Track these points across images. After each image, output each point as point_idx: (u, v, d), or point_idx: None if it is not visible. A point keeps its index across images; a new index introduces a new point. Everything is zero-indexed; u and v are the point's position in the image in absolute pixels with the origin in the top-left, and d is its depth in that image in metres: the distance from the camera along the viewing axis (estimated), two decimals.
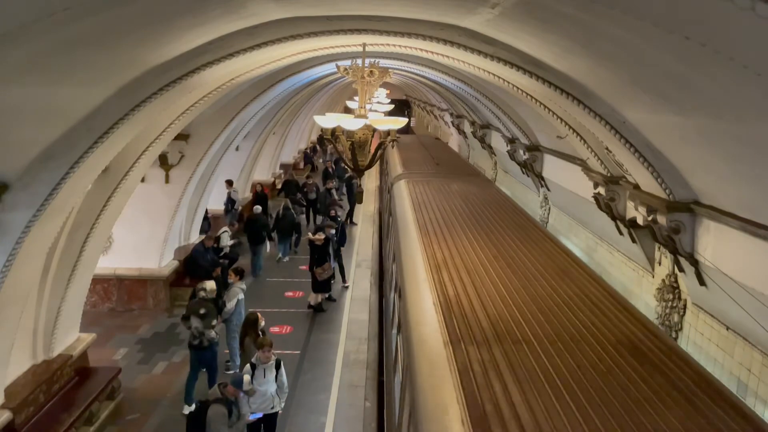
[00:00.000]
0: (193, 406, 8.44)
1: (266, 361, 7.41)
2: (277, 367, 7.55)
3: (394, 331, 7.89)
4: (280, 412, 7.66)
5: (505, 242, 8.28)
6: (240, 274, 10.19)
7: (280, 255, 16.73)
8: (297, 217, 17.30)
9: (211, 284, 9.42)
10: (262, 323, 8.70)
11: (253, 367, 7.40)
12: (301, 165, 31.96)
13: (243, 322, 9.01)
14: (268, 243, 15.80)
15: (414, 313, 6.13)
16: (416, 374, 4.98)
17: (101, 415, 8.42)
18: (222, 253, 13.86)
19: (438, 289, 6.32)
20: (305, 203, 19.86)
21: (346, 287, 14.41)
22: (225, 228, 15.00)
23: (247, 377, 6.99)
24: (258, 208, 16.10)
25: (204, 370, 9.16)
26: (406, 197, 11.59)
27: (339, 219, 15.55)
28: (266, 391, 7.41)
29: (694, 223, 5.79)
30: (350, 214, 21.03)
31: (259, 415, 7.33)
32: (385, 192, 17.55)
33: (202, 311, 8.97)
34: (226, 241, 14.55)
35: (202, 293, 9.16)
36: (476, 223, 9.47)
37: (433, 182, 13.27)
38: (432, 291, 6.27)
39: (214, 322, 9.10)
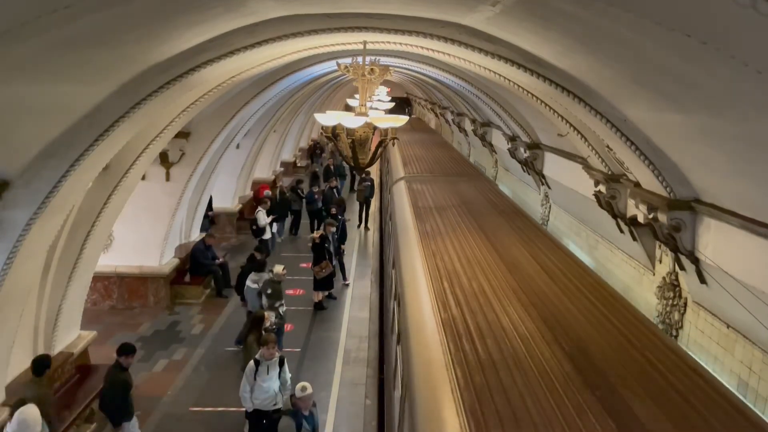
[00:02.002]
0: None
1: (270, 357, 7.43)
2: (281, 364, 7.58)
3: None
4: (282, 408, 7.67)
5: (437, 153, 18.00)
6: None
7: (276, 234, 17.77)
8: (296, 201, 18.71)
9: (278, 267, 10.44)
10: (267, 323, 8.69)
11: (257, 363, 7.42)
12: (303, 163, 31.92)
13: (250, 319, 9.01)
14: (275, 224, 17.39)
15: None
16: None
17: None
18: (262, 234, 15.47)
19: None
20: (310, 212, 18.68)
21: (347, 285, 14.42)
22: (259, 208, 15.96)
23: (300, 384, 6.80)
24: (268, 192, 17.73)
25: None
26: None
27: (340, 217, 15.60)
28: (269, 387, 7.43)
29: (694, 221, 5.79)
30: (366, 217, 20.09)
31: None
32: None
33: (268, 291, 10.15)
34: (263, 220, 15.49)
35: (269, 274, 10.31)
36: (425, 146, 19.61)
37: (408, 134, 22.38)
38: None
39: (277, 303, 10.04)
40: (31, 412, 5.78)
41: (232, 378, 9.73)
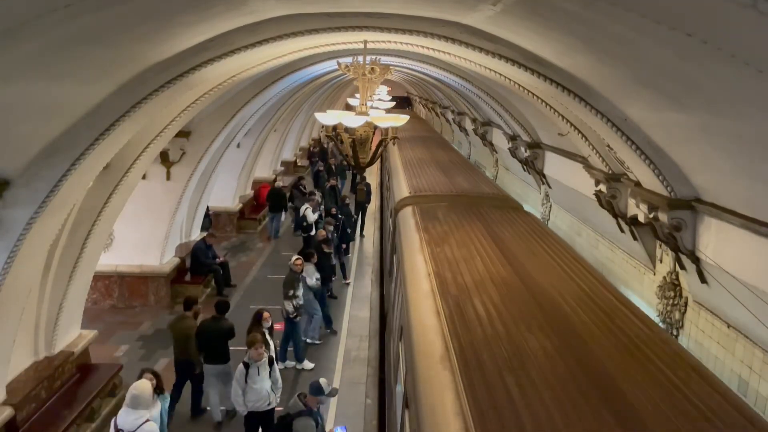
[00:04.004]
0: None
1: (258, 358, 7.32)
2: (270, 363, 7.50)
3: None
4: (276, 408, 7.63)
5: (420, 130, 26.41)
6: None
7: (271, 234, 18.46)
8: (298, 198, 18.99)
9: (294, 258, 10.48)
10: (268, 323, 8.57)
11: (246, 366, 7.30)
12: (305, 162, 31.74)
13: (252, 319, 8.90)
14: (283, 213, 18.71)
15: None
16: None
17: (102, 411, 8.43)
18: (310, 231, 15.50)
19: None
20: (304, 226, 16.11)
21: (347, 284, 14.42)
22: (306, 205, 16.15)
23: (323, 380, 6.65)
24: (278, 184, 19.01)
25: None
26: None
27: (340, 216, 15.65)
28: (261, 388, 7.33)
29: (695, 221, 5.79)
30: (362, 224, 19.27)
31: (344, 428, 7.05)
32: None
33: (284, 282, 10.29)
34: (311, 217, 15.63)
35: (289, 264, 10.43)
36: (414, 127, 23.14)
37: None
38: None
39: (291, 292, 10.07)
40: (142, 386, 6.12)
41: (232, 377, 9.70)
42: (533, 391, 4.00)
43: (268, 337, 8.53)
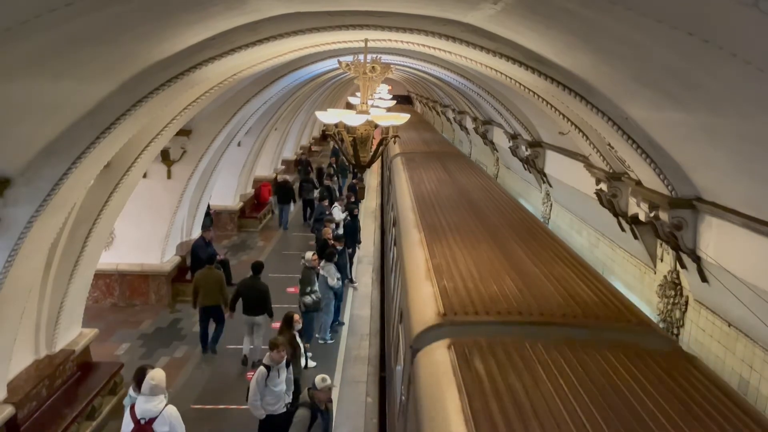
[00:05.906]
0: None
1: (281, 360, 7.20)
2: (287, 365, 7.44)
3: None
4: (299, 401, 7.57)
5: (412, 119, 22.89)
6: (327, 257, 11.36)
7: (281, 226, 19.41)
8: (309, 191, 19.96)
9: (308, 254, 10.85)
10: (299, 325, 8.40)
11: (268, 368, 7.15)
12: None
13: (282, 321, 8.74)
14: (291, 204, 19.73)
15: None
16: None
17: (103, 410, 8.44)
18: (337, 229, 15.47)
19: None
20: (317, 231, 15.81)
21: (354, 287, 14.36)
22: (336, 204, 16.74)
23: (320, 375, 6.64)
24: (284, 177, 20.49)
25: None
26: None
27: (355, 213, 15.96)
28: (280, 391, 7.24)
29: (696, 220, 5.78)
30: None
31: None
32: None
33: (300, 278, 10.75)
34: (339, 215, 15.94)
35: (302, 261, 10.93)
36: (410, 119, 24.13)
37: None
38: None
39: (308, 288, 10.45)
40: (159, 375, 6.31)
41: (233, 376, 9.74)
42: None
43: (298, 339, 8.45)
